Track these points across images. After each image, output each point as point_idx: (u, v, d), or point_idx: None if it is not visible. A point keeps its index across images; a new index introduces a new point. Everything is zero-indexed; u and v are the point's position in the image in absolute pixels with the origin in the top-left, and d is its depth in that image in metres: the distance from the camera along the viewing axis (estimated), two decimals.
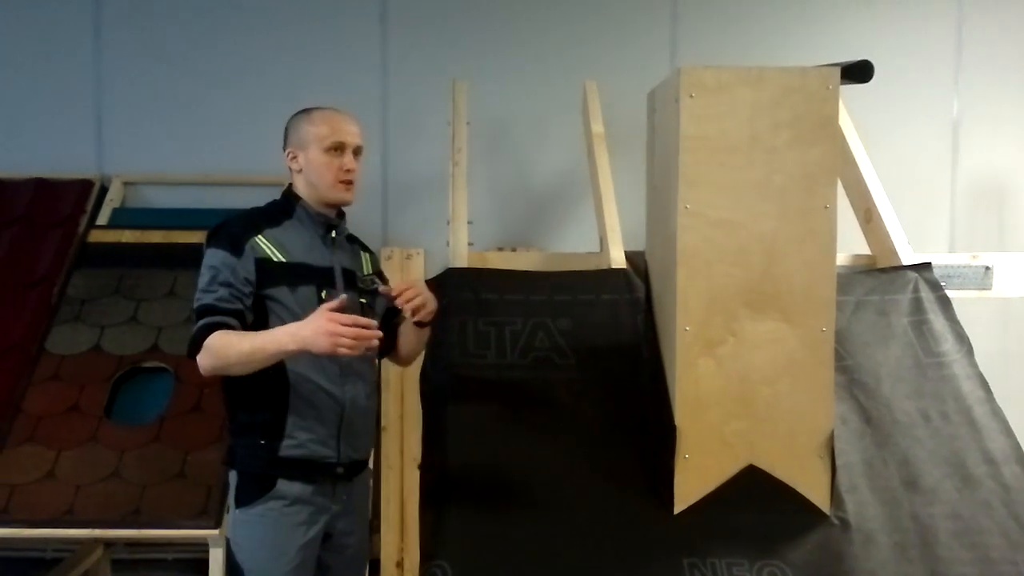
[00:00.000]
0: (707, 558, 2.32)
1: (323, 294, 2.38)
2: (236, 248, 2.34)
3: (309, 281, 2.40)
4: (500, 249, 4.22)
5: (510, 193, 4.36)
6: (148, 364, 3.58)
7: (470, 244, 3.13)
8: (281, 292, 2.35)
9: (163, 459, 3.25)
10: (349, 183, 2.47)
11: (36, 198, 4.10)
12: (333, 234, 2.49)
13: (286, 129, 2.52)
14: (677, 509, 2.40)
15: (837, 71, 2.44)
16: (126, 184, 4.28)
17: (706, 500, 2.41)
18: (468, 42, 4.33)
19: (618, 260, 3.05)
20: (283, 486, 2.34)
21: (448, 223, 3.17)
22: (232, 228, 2.40)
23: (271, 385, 2.34)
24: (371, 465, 2.66)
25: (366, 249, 2.68)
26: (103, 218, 4.11)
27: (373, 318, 2.45)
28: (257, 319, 2.34)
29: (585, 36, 4.33)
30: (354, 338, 2.14)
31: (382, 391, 4.03)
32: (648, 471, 2.48)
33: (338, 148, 2.44)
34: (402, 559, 3.89)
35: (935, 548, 2.40)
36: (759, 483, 2.40)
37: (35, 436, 3.33)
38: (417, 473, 2.63)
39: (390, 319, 2.59)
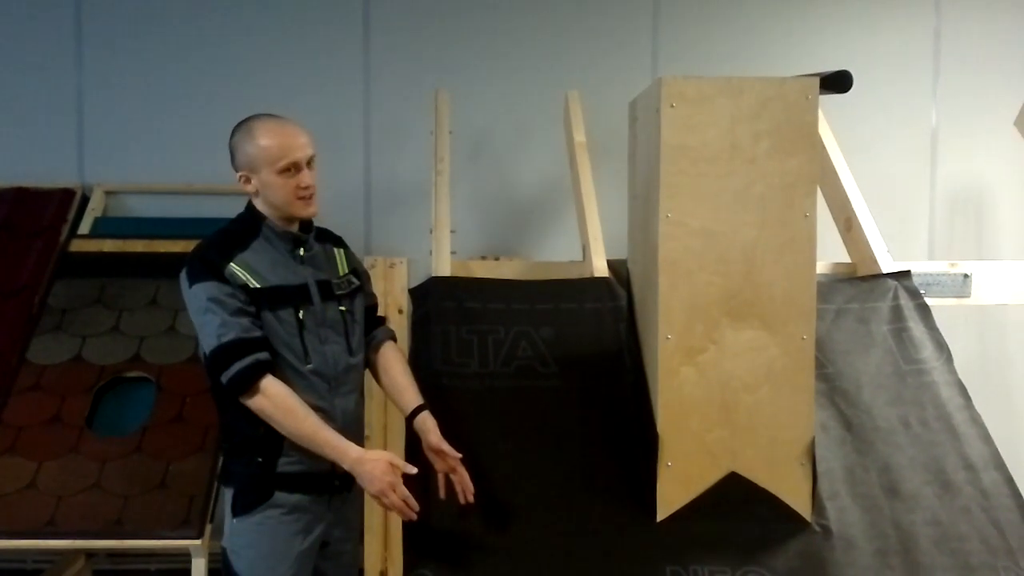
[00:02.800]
0: (690, 565, 2.33)
1: (300, 314, 2.37)
2: (220, 276, 2.31)
3: (287, 303, 2.37)
4: (483, 258, 4.22)
5: (493, 202, 4.37)
6: (130, 374, 3.55)
7: (453, 253, 3.14)
8: (265, 316, 2.33)
9: (145, 469, 3.23)
10: (309, 197, 2.40)
11: (17, 207, 4.08)
12: (302, 251, 2.44)
13: (231, 148, 2.43)
14: (660, 517, 2.41)
15: (816, 81, 2.46)
16: (108, 193, 4.26)
17: (688, 508, 2.42)
18: (451, 52, 4.34)
19: (600, 269, 3.06)
20: (280, 496, 2.35)
21: (431, 232, 3.17)
22: (208, 258, 2.36)
23: None
24: None
25: (339, 244, 2.63)
26: (85, 227, 4.09)
27: (354, 324, 2.49)
28: None
29: (567, 46, 4.35)
30: (397, 506, 2.24)
31: (366, 400, 4.02)
32: (631, 479, 2.49)
33: (292, 168, 2.36)
34: (386, 568, 3.88)
35: (916, 554, 2.42)
36: (741, 490, 2.42)
37: (16, 447, 3.31)
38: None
39: (370, 321, 2.59)
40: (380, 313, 2.72)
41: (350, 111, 4.33)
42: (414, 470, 2.29)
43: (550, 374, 2.73)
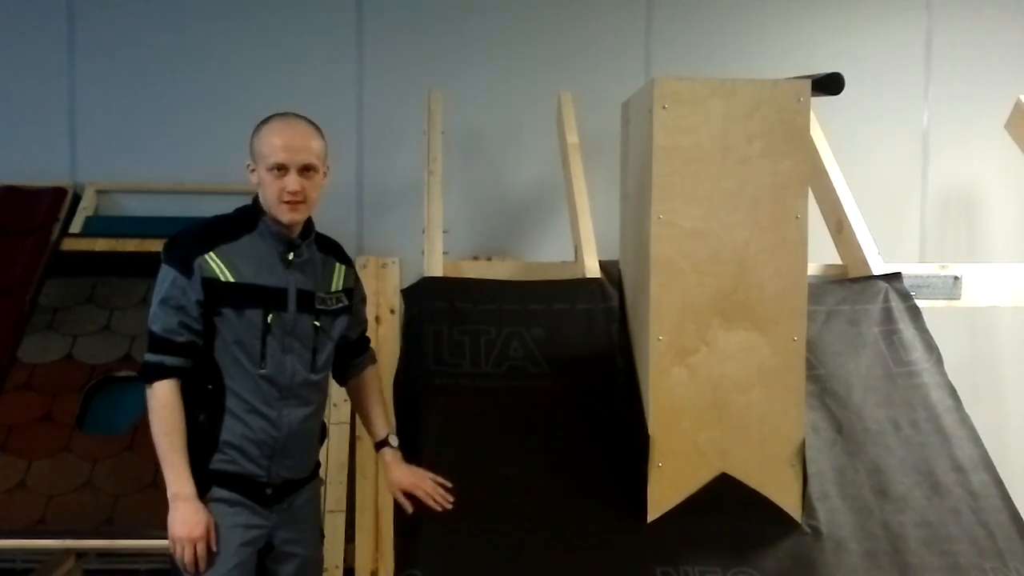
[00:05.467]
0: (680, 566, 2.33)
1: (268, 318, 2.34)
2: (186, 267, 2.31)
3: (256, 304, 2.35)
4: (475, 258, 4.23)
5: (485, 202, 4.37)
6: (121, 373, 3.55)
7: (445, 253, 3.14)
8: (228, 313, 2.32)
9: (136, 469, 3.23)
10: (295, 203, 2.35)
11: (8, 206, 4.07)
12: (291, 256, 2.40)
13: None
14: (651, 517, 2.42)
15: (808, 83, 2.47)
16: (99, 192, 4.25)
17: (679, 508, 2.42)
18: (444, 52, 4.34)
19: (592, 269, 3.07)
20: (219, 491, 2.35)
21: (423, 232, 3.17)
22: (184, 243, 2.36)
23: (209, 399, 2.34)
24: (322, 474, 2.64)
25: (345, 261, 2.59)
26: (76, 226, 4.08)
27: (326, 341, 2.45)
28: (204, 336, 2.34)
29: (560, 47, 4.35)
30: (186, 561, 2.25)
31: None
32: (622, 479, 2.49)
33: (280, 168, 2.33)
34: (376, 568, 3.88)
35: (905, 555, 2.43)
36: (731, 491, 2.42)
37: (6, 446, 3.30)
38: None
39: (347, 346, 2.56)
40: (372, 317, 2.71)
41: (343, 111, 4.33)
42: (211, 551, 2.28)
43: (542, 374, 2.74)
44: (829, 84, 2.90)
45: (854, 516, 2.50)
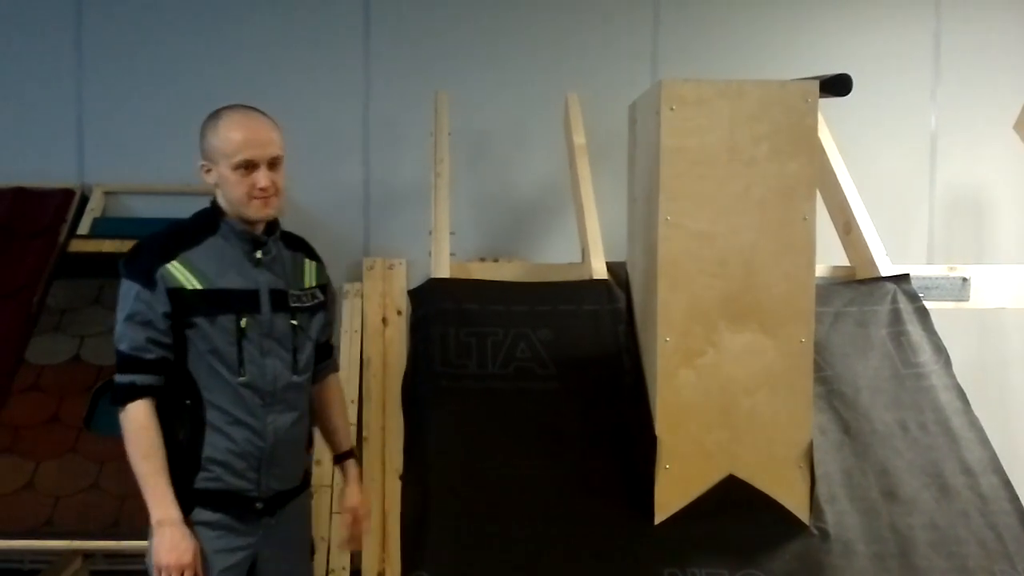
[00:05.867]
0: (687, 568, 2.33)
1: (242, 322, 2.26)
2: (148, 280, 2.22)
3: (228, 309, 2.25)
4: (482, 259, 4.23)
5: (492, 204, 4.37)
6: None
7: (452, 254, 3.14)
8: (200, 322, 2.23)
9: None
10: (266, 198, 2.27)
11: (16, 207, 4.08)
12: (259, 255, 2.32)
13: (200, 134, 2.32)
14: (658, 519, 2.41)
15: (816, 84, 2.46)
16: (107, 194, 4.27)
17: (686, 510, 2.41)
18: (451, 53, 4.34)
19: (599, 271, 3.06)
20: (201, 513, 2.26)
21: (430, 233, 3.17)
22: (144, 255, 2.27)
23: (187, 415, 2.25)
24: (312, 486, 2.61)
25: (313, 257, 2.52)
26: (84, 228, 4.09)
27: (305, 340, 2.38)
28: (176, 349, 2.24)
29: (567, 49, 4.35)
30: None
31: (364, 401, 4.03)
32: (629, 481, 2.49)
33: (248, 166, 2.24)
34: (383, 570, 3.88)
35: (913, 558, 2.42)
36: (739, 493, 2.41)
37: (14, 447, 3.31)
38: (399, 484, 2.63)
39: (322, 350, 2.51)
40: (379, 318, 2.70)
41: (350, 113, 4.34)
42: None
43: (549, 376, 2.73)
44: (837, 85, 2.90)
45: (862, 518, 2.49)
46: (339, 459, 2.57)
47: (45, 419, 3.41)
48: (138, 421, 2.21)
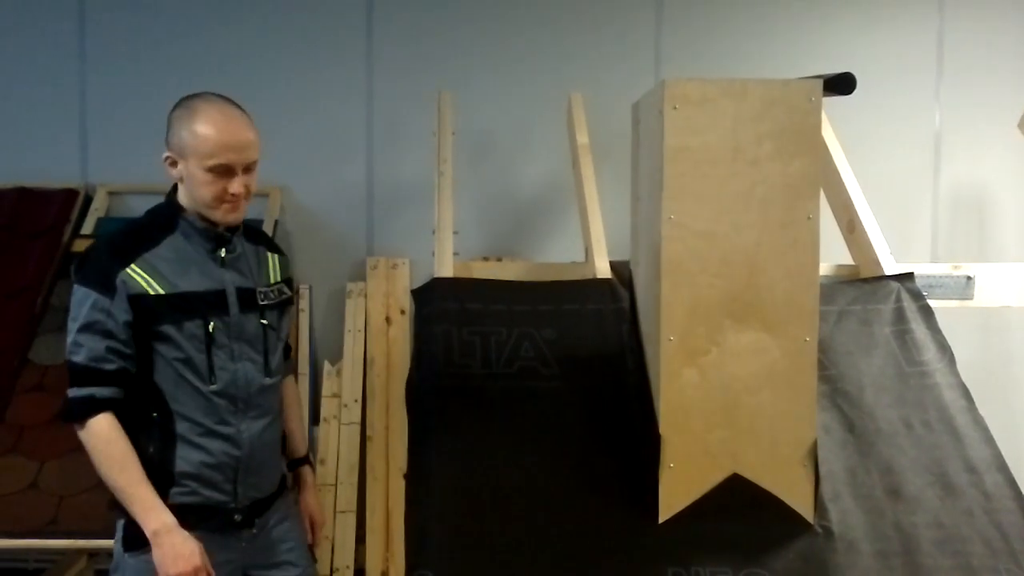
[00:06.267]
0: (691, 567, 2.33)
1: (211, 327, 2.13)
2: (106, 286, 2.06)
3: (194, 314, 2.12)
4: (485, 259, 4.23)
5: (495, 203, 4.38)
6: None
7: (455, 254, 3.14)
8: (165, 329, 2.09)
9: None
10: (234, 203, 2.15)
11: (19, 207, 4.09)
12: (224, 252, 2.19)
13: (168, 121, 2.17)
14: (662, 518, 2.41)
15: (820, 83, 2.46)
16: (111, 193, 4.27)
17: (690, 509, 2.41)
18: (454, 53, 4.35)
19: (603, 270, 3.06)
20: None
21: (433, 233, 3.17)
22: (100, 259, 2.11)
23: (156, 428, 2.12)
24: (290, 484, 2.50)
25: (275, 250, 2.41)
26: (88, 227, 4.10)
27: (276, 340, 2.29)
28: (140, 358, 2.10)
29: (570, 48, 4.35)
30: None
31: (368, 401, 4.03)
32: (633, 480, 2.49)
33: (223, 170, 2.11)
34: (387, 568, 3.88)
35: (917, 556, 2.41)
36: (743, 492, 2.41)
37: (18, 447, 3.32)
38: (403, 482, 2.63)
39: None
40: (383, 317, 2.67)
41: (353, 112, 4.34)
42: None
43: (552, 375, 2.73)
44: (841, 84, 2.89)
45: (866, 517, 2.49)
46: (293, 465, 2.47)
47: (49, 419, 3.41)
48: (103, 434, 2.06)
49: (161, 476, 2.12)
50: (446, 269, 3.05)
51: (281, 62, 4.31)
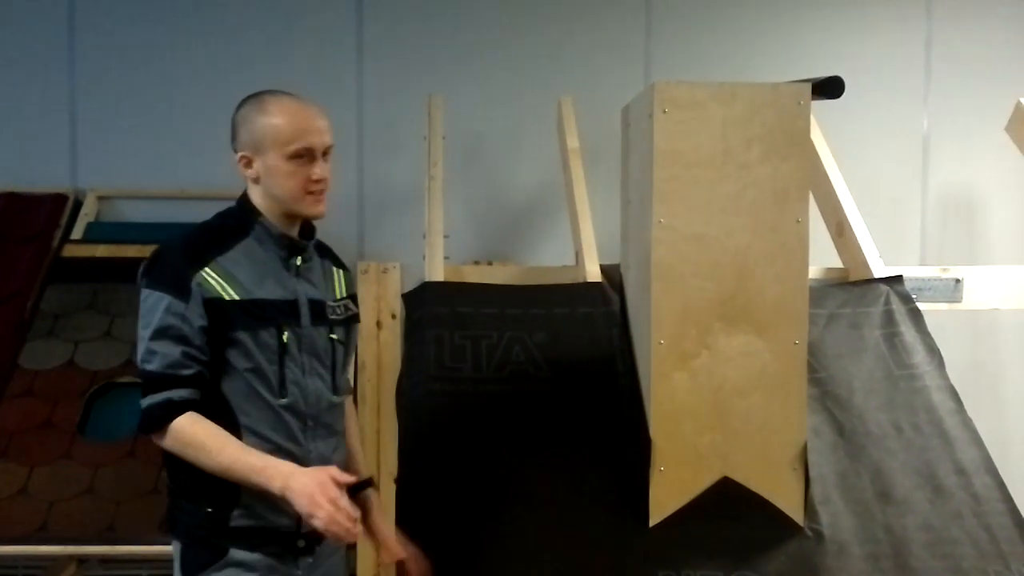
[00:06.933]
0: (682, 570, 2.33)
1: (284, 336, 2.03)
2: (182, 289, 1.96)
3: (269, 322, 2.02)
4: (476, 263, 4.23)
5: (486, 207, 4.37)
6: (122, 379, 3.55)
7: (446, 258, 3.14)
8: (239, 336, 1.99)
9: (137, 475, 3.23)
10: (319, 193, 2.06)
11: (9, 212, 4.07)
12: (299, 261, 2.11)
13: (234, 123, 2.11)
14: (652, 521, 2.41)
15: (808, 87, 2.47)
16: (100, 198, 4.26)
17: (681, 512, 2.42)
18: (444, 57, 4.35)
19: (593, 274, 3.07)
20: (237, 554, 2.02)
21: (424, 237, 3.18)
22: (173, 262, 2.01)
23: None
24: None
25: (340, 265, 2.31)
26: (77, 232, 4.08)
27: (346, 356, 2.21)
28: (208, 366, 2.00)
29: (560, 52, 4.36)
30: (336, 525, 1.85)
31: (359, 405, 4.03)
32: (623, 483, 2.49)
33: (305, 155, 2.03)
34: (379, 573, 3.88)
35: (908, 559, 2.42)
36: (733, 495, 2.42)
37: (8, 452, 3.31)
38: (394, 487, 2.62)
39: None
40: (373, 322, 2.64)
41: (343, 115, 4.33)
42: (354, 479, 1.98)
43: (543, 379, 2.73)
44: (829, 88, 2.90)
45: (856, 519, 2.50)
46: (358, 489, 2.19)
47: (39, 424, 3.40)
48: (188, 429, 1.94)
49: (226, 496, 1.99)
50: (437, 273, 3.05)
51: (270, 67, 4.30)
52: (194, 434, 1.94)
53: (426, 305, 2.89)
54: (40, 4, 4.29)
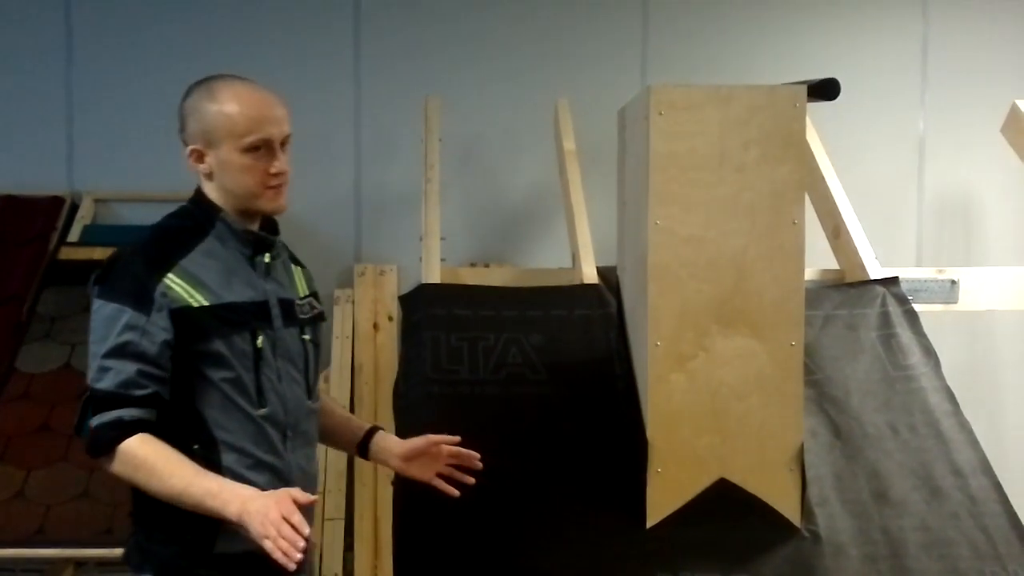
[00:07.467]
0: (679, 571, 2.33)
1: (259, 341, 1.87)
2: (142, 301, 1.79)
3: (241, 326, 1.86)
4: (473, 265, 4.23)
5: (483, 209, 4.37)
6: None
7: (443, 260, 3.14)
8: (212, 344, 1.82)
9: None
10: (279, 187, 1.90)
11: (6, 215, 4.06)
12: (267, 258, 1.96)
13: (182, 113, 1.95)
14: (650, 523, 2.42)
15: (804, 89, 2.48)
16: (97, 201, 4.25)
17: (678, 514, 2.42)
18: (441, 59, 4.35)
19: (590, 276, 3.07)
20: None
21: (421, 239, 3.18)
22: (132, 270, 1.83)
23: (198, 463, 1.79)
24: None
25: (297, 262, 2.16)
26: (74, 235, 4.07)
27: (316, 358, 2.05)
28: (177, 383, 1.82)
29: (557, 54, 4.36)
30: (280, 542, 1.65)
31: (356, 407, 4.03)
32: (621, 485, 2.49)
33: (262, 146, 1.87)
34: (378, 574, 3.88)
35: (904, 560, 2.43)
36: (730, 497, 2.42)
37: (5, 456, 3.30)
38: (391, 489, 2.62)
39: None
40: (370, 324, 2.61)
41: (340, 118, 4.33)
42: (313, 499, 1.78)
43: (540, 381, 2.74)
44: (825, 90, 2.91)
45: (853, 521, 2.50)
46: (369, 435, 2.11)
47: (35, 427, 3.40)
48: (139, 454, 1.76)
49: (207, 522, 1.79)
50: (434, 275, 3.05)
51: (268, 69, 4.25)
52: (144, 456, 1.75)
53: (423, 307, 2.89)
54: (37, 8, 4.29)
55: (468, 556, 2.36)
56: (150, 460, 1.75)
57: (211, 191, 1.94)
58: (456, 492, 2.14)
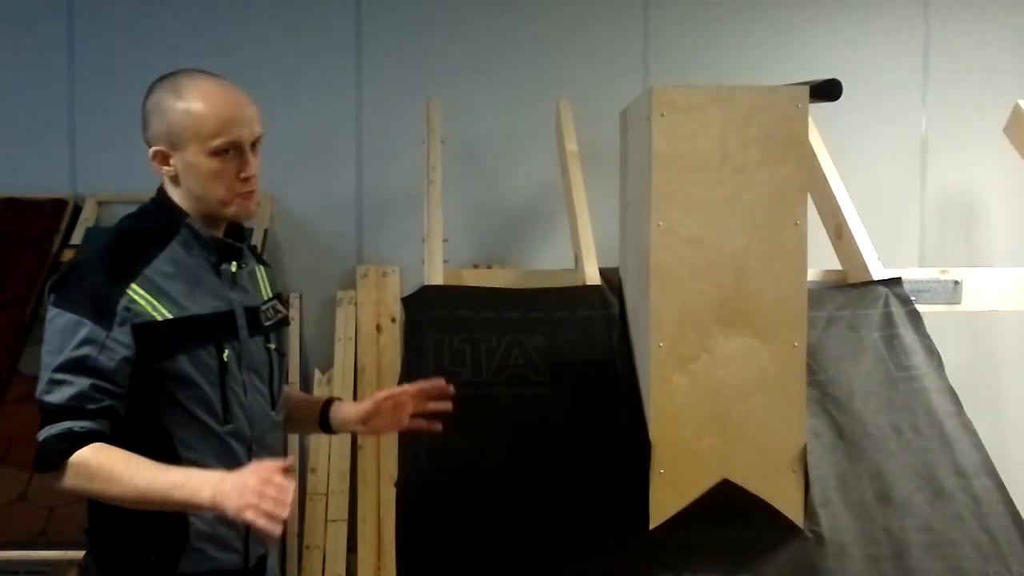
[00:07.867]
0: (682, 573, 2.33)
1: (225, 355, 1.79)
2: (104, 314, 1.68)
3: (207, 340, 1.77)
4: (475, 266, 4.23)
5: (485, 211, 4.38)
6: None
7: (445, 261, 3.14)
8: (176, 365, 1.73)
9: None
10: (249, 193, 1.80)
11: (8, 217, 4.07)
12: (233, 267, 1.86)
13: (145, 111, 1.83)
14: (652, 524, 2.42)
15: (806, 90, 2.48)
16: (100, 203, 4.26)
17: (681, 515, 2.42)
18: (443, 60, 4.35)
19: (592, 277, 3.07)
20: None
21: (423, 241, 3.18)
22: (94, 279, 1.71)
23: None
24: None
25: (262, 261, 2.06)
26: (77, 237, 4.08)
27: (280, 368, 1.96)
28: (139, 400, 1.73)
29: (559, 55, 4.36)
30: (268, 504, 1.57)
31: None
32: (623, 486, 2.49)
33: (232, 149, 1.77)
34: (378, 574, 3.88)
35: (908, 560, 2.42)
36: (733, 498, 2.42)
37: (7, 458, 3.31)
38: (394, 491, 2.62)
39: None
40: (373, 325, 2.59)
41: (342, 119, 4.34)
42: (289, 462, 1.68)
43: (542, 382, 2.73)
44: (827, 90, 2.91)
45: (856, 521, 2.50)
46: (325, 412, 2.05)
47: (39, 430, 3.40)
48: (92, 463, 1.65)
49: (172, 541, 1.75)
50: (436, 277, 3.05)
51: (270, 71, 4.31)
52: (99, 464, 1.64)
53: (425, 309, 2.89)
54: (39, 8, 4.29)
55: (471, 558, 2.36)
56: (106, 466, 1.64)
57: (176, 194, 1.83)
58: (439, 426, 2.08)
